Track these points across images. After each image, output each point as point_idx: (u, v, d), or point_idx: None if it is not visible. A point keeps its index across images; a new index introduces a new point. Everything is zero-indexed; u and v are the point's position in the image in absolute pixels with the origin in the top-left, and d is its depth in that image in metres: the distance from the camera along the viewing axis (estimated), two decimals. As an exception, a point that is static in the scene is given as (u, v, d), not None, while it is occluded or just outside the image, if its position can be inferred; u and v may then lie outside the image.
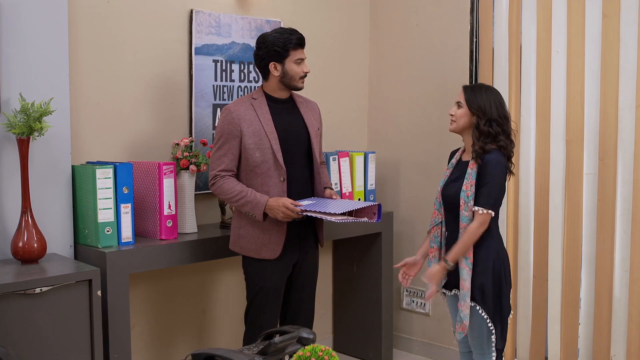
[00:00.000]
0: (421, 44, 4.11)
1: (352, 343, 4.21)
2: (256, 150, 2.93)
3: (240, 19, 3.65)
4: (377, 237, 4.03)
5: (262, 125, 2.94)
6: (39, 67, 2.87)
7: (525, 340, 3.69)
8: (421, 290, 4.20)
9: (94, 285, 2.62)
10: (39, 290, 2.49)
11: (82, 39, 3.10)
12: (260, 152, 2.93)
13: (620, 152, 3.29)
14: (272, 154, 2.93)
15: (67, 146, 2.97)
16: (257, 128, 2.94)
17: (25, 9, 2.82)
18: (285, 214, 2.87)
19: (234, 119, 2.94)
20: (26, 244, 2.71)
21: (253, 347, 1.89)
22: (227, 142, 2.94)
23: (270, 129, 2.95)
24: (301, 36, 3.02)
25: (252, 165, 2.94)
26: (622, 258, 3.31)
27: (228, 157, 2.94)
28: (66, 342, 2.57)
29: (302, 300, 3.16)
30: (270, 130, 2.95)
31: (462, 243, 2.83)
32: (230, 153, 2.94)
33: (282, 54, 2.96)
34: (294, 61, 2.98)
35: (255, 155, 2.93)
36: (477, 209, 2.81)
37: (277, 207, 2.87)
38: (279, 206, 2.87)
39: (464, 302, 2.84)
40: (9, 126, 2.68)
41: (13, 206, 2.79)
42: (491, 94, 2.91)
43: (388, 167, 4.30)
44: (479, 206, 2.81)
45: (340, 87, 4.25)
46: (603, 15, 3.30)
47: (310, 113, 3.12)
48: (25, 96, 2.73)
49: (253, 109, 2.97)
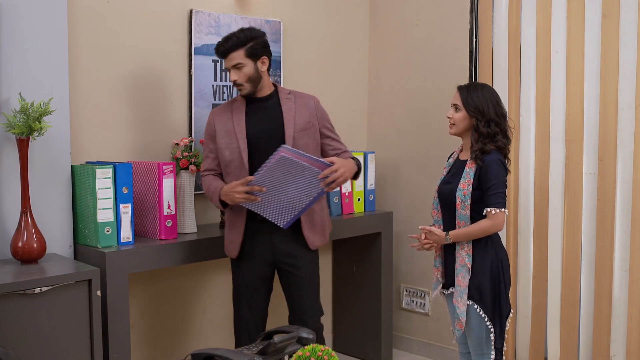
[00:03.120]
0: (420, 44, 4.11)
1: (351, 343, 4.21)
2: (226, 149, 2.97)
3: (240, 19, 3.65)
4: (377, 237, 4.03)
5: (234, 125, 2.97)
6: (38, 67, 2.87)
7: (525, 340, 3.69)
8: (421, 290, 4.20)
9: (94, 285, 2.62)
10: (38, 290, 2.49)
11: (82, 39, 3.10)
12: (229, 152, 2.96)
13: (619, 152, 3.30)
14: (239, 153, 2.94)
15: (67, 146, 2.97)
16: (229, 128, 2.97)
17: (25, 9, 2.82)
18: (241, 195, 2.83)
19: (210, 120, 3.05)
20: (26, 244, 2.70)
21: (252, 347, 1.90)
22: (207, 143, 3.07)
23: (240, 129, 2.96)
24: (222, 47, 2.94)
25: (224, 164, 3.00)
26: (622, 258, 3.31)
27: (210, 158, 3.05)
28: (66, 341, 2.57)
29: (303, 304, 3.09)
30: (240, 130, 2.96)
31: (469, 230, 2.85)
32: (211, 153, 3.04)
33: None
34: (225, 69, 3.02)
35: (225, 155, 2.97)
36: (489, 209, 2.82)
37: (230, 190, 2.87)
38: (231, 188, 2.86)
39: (461, 299, 2.85)
40: (9, 126, 2.67)
41: (13, 206, 2.79)
42: (487, 93, 2.91)
43: (388, 167, 4.30)
44: (492, 207, 2.82)
45: (340, 87, 4.26)
46: (603, 15, 3.31)
47: (299, 109, 3.02)
48: (24, 96, 2.73)
49: (231, 109, 3.02)
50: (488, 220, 2.83)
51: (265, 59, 2.97)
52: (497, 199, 2.82)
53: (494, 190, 2.82)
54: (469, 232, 2.85)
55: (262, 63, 2.96)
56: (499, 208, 2.82)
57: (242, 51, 2.91)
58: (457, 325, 2.89)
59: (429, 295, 4.17)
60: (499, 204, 2.82)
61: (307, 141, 3.00)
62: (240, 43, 2.91)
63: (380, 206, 4.26)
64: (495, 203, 2.82)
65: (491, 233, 2.86)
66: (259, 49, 2.94)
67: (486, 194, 2.83)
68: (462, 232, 2.86)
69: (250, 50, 2.92)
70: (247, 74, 2.92)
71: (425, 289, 4.18)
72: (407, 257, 4.23)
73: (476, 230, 2.84)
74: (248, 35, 2.93)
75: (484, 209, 2.83)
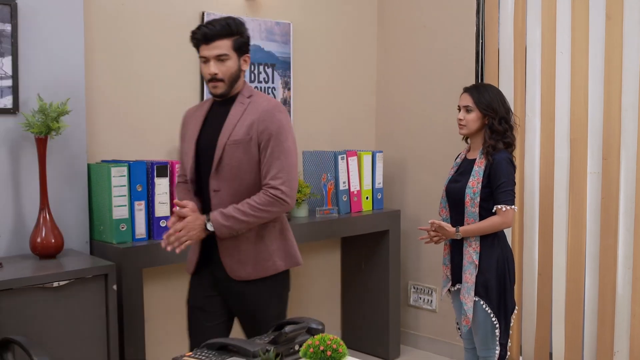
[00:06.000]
0: (428, 44, 4.17)
1: (360, 338, 4.27)
2: (183, 155, 2.64)
3: (250, 20, 3.72)
4: (385, 234, 4.09)
5: (193, 130, 2.60)
6: (55, 69, 2.95)
7: (530, 337, 3.74)
8: (428, 287, 4.26)
9: (110, 279, 2.69)
10: (56, 284, 2.56)
11: (98, 41, 3.18)
12: (185, 159, 2.62)
13: (623, 151, 3.34)
14: (189, 162, 2.58)
15: (83, 145, 3.05)
16: (191, 133, 2.60)
17: (42, 12, 2.91)
18: None
19: (182, 121, 2.72)
20: (44, 240, 2.79)
21: (264, 337, 1.97)
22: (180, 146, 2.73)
23: (192, 135, 2.59)
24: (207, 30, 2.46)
25: None
26: (625, 255, 3.36)
27: (182, 161, 2.70)
28: (83, 333, 2.65)
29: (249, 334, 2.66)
30: (191, 137, 2.59)
31: (479, 226, 2.91)
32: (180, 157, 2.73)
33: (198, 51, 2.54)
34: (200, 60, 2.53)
35: (183, 160, 2.67)
36: (500, 206, 2.88)
37: None
38: None
39: (468, 296, 2.91)
40: (28, 126, 2.75)
41: (31, 203, 2.88)
42: (494, 92, 3.00)
43: (395, 166, 4.36)
44: (502, 204, 2.88)
45: (349, 87, 4.32)
46: (606, 17, 3.35)
47: (246, 117, 2.49)
48: (42, 97, 2.81)
49: (199, 110, 2.65)
50: (498, 217, 2.89)
51: (247, 58, 2.55)
52: (507, 197, 2.88)
53: (504, 188, 2.88)
54: (480, 228, 2.91)
55: (245, 62, 2.53)
56: (509, 205, 2.88)
57: (229, 41, 2.46)
58: (464, 322, 2.95)
59: (436, 292, 4.22)
60: (509, 201, 2.88)
61: (240, 157, 2.47)
62: (230, 31, 2.46)
63: (388, 204, 4.32)
64: (506, 200, 2.88)
65: (501, 229, 2.93)
66: (245, 44, 2.52)
67: (496, 192, 2.89)
68: (472, 228, 2.91)
69: (237, 42, 2.48)
70: (230, 70, 2.48)
71: (432, 286, 4.24)
72: (415, 254, 4.29)
73: (487, 227, 2.90)
74: (238, 25, 2.50)
75: (494, 206, 2.89)
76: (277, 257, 2.57)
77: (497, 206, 2.89)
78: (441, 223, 2.96)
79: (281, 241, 2.60)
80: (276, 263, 2.57)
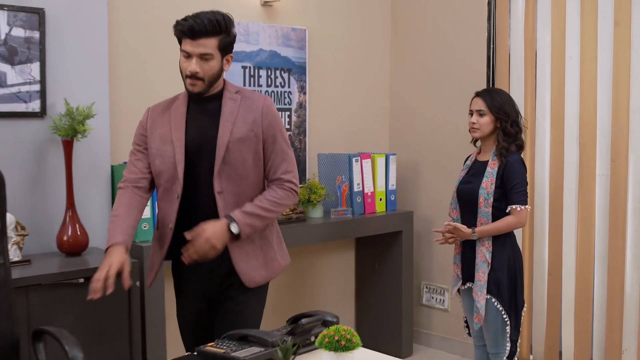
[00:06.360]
0: (440, 49, 4.25)
1: (373, 337, 4.28)
2: (157, 156, 2.40)
3: (268, 27, 3.82)
4: (398, 235, 4.15)
5: (172, 129, 2.39)
6: (81, 74, 3.06)
7: (540, 336, 3.79)
8: (440, 287, 4.33)
9: (133, 276, 2.75)
10: (82, 280, 2.66)
11: (121, 47, 3.28)
12: (161, 160, 2.39)
13: (631, 154, 3.39)
14: (173, 164, 2.36)
15: (107, 147, 3.15)
16: (165, 132, 2.40)
17: (69, 20, 3.02)
18: None
19: (144, 119, 2.49)
20: (70, 238, 2.90)
21: (282, 329, 2.06)
22: (134, 144, 2.51)
23: (179, 135, 2.37)
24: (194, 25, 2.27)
25: (154, 174, 2.45)
26: (634, 256, 3.41)
27: (130, 165, 2.48)
28: (106, 327, 2.75)
29: None
30: (178, 137, 2.37)
31: (495, 226, 2.97)
32: (131, 161, 2.49)
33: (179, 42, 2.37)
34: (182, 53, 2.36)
35: (155, 163, 2.41)
36: (514, 206, 2.95)
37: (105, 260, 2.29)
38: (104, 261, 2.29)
39: (480, 293, 2.97)
40: (55, 129, 2.87)
41: (58, 203, 2.98)
42: (505, 96, 3.08)
43: (408, 168, 4.43)
44: (516, 204, 2.95)
45: (363, 91, 4.40)
46: (615, 22, 3.40)
47: (242, 113, 2.38)
48: (68, 100, 2.92)
49: (170, 109, 2.44)
50: (513, 216, 2.96)
51: (230, 58, 2.40)
52: (521, 197, 2.95)
53: (518, 189, 2.95)
54: (496, 228, 2.97)
55: (227, 61, 2.39)
56: (523, 205, 2.95)
57: (216, 40, 2.30)
58: (476, 319, 3.01)
59: (448, 292, 4.29)
60: (522, 201, 2.95)
61: (245, 155, 2.37)
62: (219, 29, 2.30)
63: (401, 206, 4.38)
64: (520, 200, 2.95)
65: (516, 228, 3.00)
66: (230, 44, 2.37)
67: (510, 192, 2.96)
68: (488, 228, 2.97)
69: (223, 42, 2.33)
70: (212, 70, 2.33)
71: (444, 286, 4.30)
72: (427, 255, 4.36)
73: (502, 226, 2.97)
74: (227, 23, 2.34)
75: (508, 206, 2.96)
76: (279, 255, 2.51)
77: (511, 206, 2.95)
78: (457, 224, 3.01)
79: (277, 239, 2.54)
80: (280, 262, 2.51)
